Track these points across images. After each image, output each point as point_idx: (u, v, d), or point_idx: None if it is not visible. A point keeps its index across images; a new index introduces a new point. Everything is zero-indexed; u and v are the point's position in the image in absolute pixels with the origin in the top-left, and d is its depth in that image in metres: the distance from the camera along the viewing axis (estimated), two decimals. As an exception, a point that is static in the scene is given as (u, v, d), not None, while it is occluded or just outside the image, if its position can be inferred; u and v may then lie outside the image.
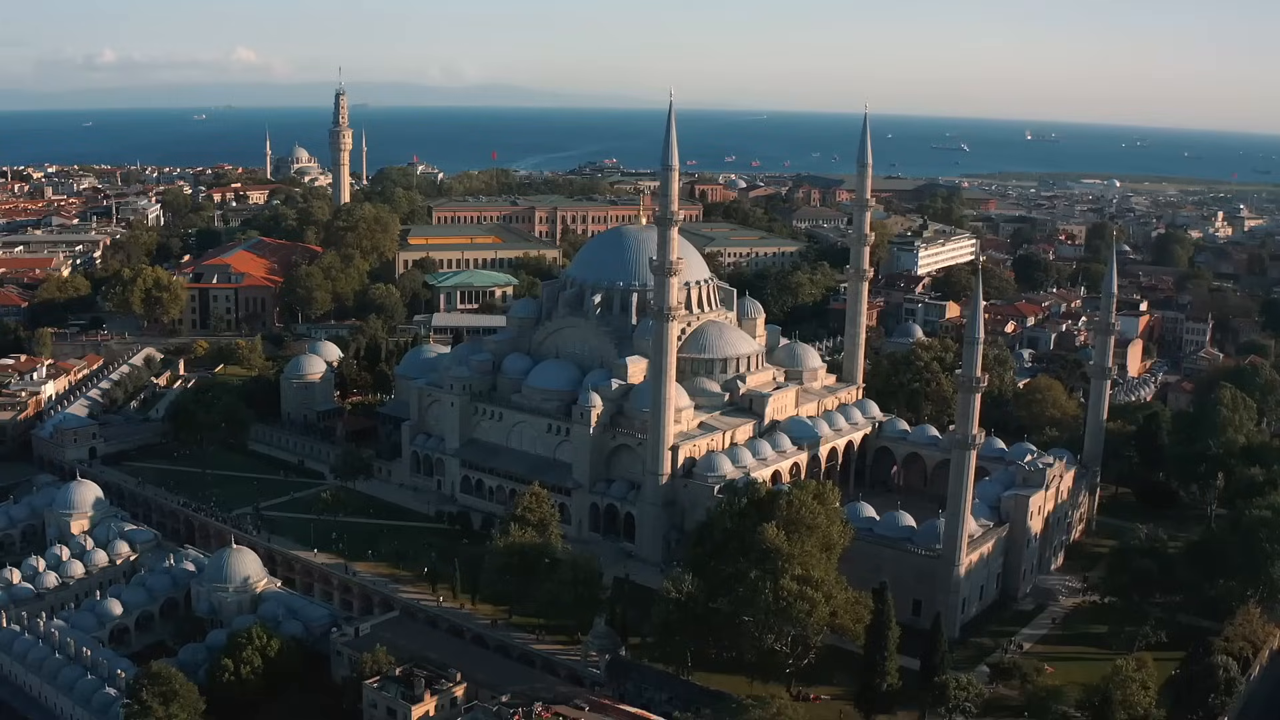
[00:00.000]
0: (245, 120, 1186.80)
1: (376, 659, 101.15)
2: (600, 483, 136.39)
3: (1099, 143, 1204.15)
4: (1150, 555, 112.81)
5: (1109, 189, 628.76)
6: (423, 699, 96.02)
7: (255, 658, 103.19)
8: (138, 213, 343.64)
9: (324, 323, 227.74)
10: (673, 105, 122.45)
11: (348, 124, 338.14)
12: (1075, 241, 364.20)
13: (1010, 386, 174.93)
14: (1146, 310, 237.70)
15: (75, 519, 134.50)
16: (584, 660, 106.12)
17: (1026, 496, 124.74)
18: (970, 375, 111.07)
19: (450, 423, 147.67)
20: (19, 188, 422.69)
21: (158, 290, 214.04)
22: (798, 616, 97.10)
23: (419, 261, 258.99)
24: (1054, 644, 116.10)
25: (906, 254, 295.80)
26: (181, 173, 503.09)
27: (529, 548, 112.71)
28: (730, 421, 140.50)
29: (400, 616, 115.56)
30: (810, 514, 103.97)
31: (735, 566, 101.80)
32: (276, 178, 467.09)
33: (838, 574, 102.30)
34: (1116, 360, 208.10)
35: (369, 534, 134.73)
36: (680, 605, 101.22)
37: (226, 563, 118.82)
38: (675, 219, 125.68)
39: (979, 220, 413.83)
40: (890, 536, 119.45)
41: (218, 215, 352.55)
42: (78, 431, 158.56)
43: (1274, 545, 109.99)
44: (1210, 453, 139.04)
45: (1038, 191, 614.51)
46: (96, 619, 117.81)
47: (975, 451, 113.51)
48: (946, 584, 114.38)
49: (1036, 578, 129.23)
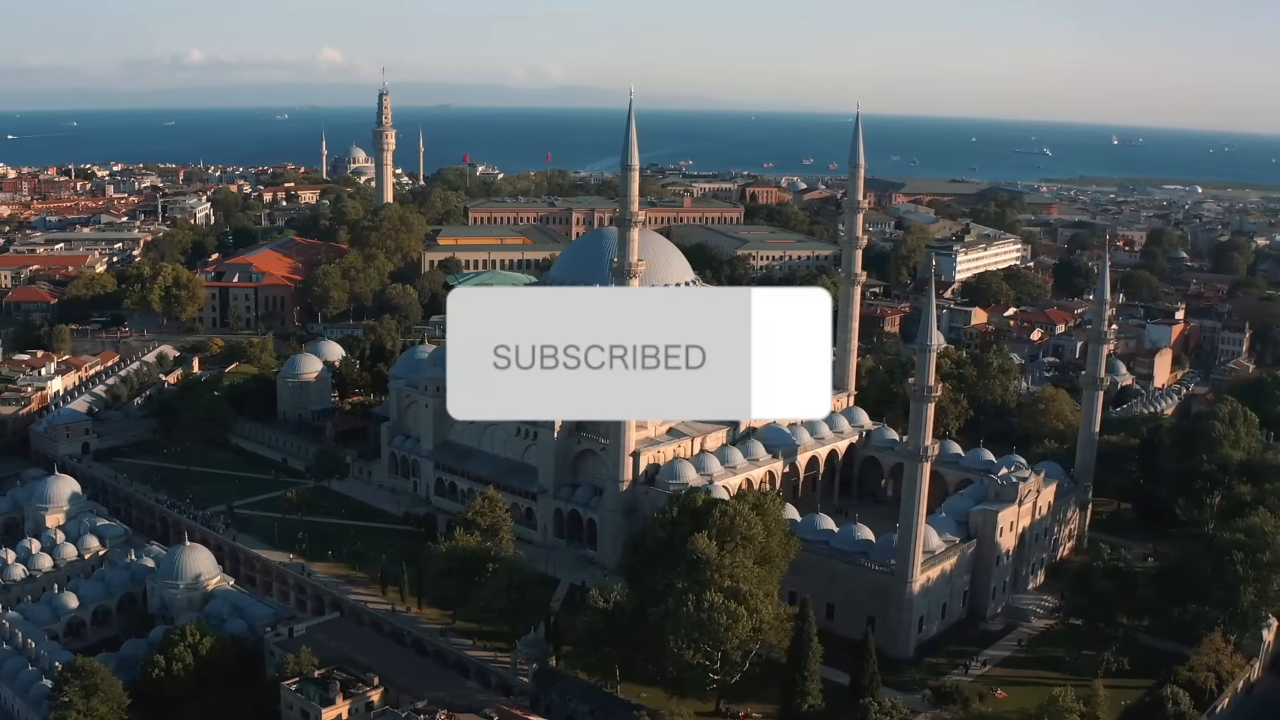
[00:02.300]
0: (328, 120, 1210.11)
1: (299, 660, 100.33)
2: (565, 488, 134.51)
3: (1185, 148, 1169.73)
4: (1114, 576, 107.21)
5: (1189, 194, 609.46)
6: (335, 702, 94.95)
7: (186, 654, 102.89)
8: (185, 211, 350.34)
9: (341, 322, 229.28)
10: (632, 105, 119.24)
11: (391, 124, 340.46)
12: (1134, 248, 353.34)
13: (1014, 396, 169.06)
14: (1183, 318, 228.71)
15: (50, 513, 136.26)
16: (513, 669, 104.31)
17: (995, 511, 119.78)
18: (922, 384, 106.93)
19: (425, 424, 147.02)
20: (81, 185, 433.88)
21: (176, 288, 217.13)
22: (718, 630, 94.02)
23: (444, 262, 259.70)
24: (1016, 667, 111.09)
25: (945, 259, 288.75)
26: (244, 172, 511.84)
27: (470, 552, 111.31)
28: (701, 428, 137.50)
29: (340, 618, 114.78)
30: (745, 525, 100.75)
31: (666, 577, 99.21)
32: (333, 177, 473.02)
33: (767, 588, 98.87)
34: (1143, 370, 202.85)
35: (335, 534, 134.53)
36: (606, 615, 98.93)
37: (179, 560, 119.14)
38: (635, 220, 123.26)
39: (1036, 225, 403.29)
40: (845, 550, 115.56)
41: (265, 214, 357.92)
42: (70, 427, 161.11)
43: (1247, 570, 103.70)
44: (1203, 469, 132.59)
45: (1116, 196, 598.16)
46: (52, 612, 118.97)
47: (929, 463, 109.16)
48: (899, 601, 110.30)
49: (1010, 597, 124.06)
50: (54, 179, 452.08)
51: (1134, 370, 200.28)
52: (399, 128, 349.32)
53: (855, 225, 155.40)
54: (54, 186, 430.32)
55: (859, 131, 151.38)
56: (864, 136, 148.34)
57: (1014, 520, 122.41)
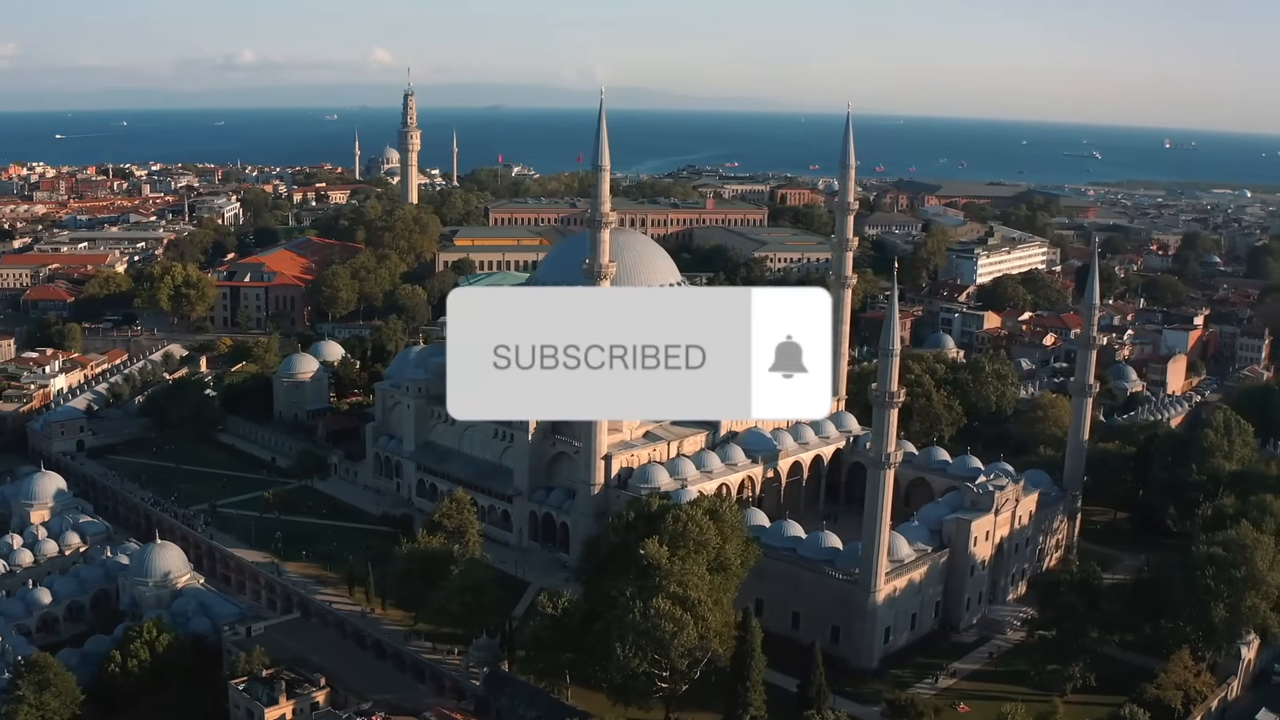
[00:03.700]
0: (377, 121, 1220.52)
1: (251, 659, 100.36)
2: (540, 490, 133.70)
3: (1238, 152, 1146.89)
4: (1082, 589, 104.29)
5: (1238, 199, 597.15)
6: (278, 702, 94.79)
7: (143, 651, 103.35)
8: (213, 211, 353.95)
9: (350, 322, 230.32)
10: (603, 106, 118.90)
11: (415, 124, 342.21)
12: (1167, 252, 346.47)
13: (1010, 402, 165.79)
14: (1202, 324, 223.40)
15: (35, 509, 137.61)
16: (464, 672, 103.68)
17: (969, 520, 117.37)
18: (884, 390, 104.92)
19: (407, 425, 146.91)
20: (118, 185, 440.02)
21: (186, 288, 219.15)
22: (663, 638, 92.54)
23: (458, 263, 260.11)
24: (985, 680, 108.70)
25: (965, 262, 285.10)
26: (280, 172, 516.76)
27: (431, 554, 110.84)
28: (679, 431, 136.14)
29: (301, 618, 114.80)
30: (698, 531, 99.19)
31: (618, 583, 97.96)
32: (366, 178, 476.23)
33: (718, 596, 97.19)
34: (1156, 376, 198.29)
35: (313, 534, 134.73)
36: (555, 621, 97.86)
37: (149, 557, 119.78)
38: (606, 221, 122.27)
39: (1070, 228, 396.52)
40: (810, 558, 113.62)
41: (293, 214, 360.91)
42: (64, 424, 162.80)
43: (1220, 586, 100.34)
44: (1191, 479, 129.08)
45: (1163, 200, 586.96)
46: (25, 607, 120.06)
47: (892, 470, 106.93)
48: (862, 610, 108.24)
49: (987, 608, 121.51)
50: (92, 178, 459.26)
51: (1146, 376, 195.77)
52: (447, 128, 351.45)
53: (845, 227, 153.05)
54: (91, 186, 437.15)
55: (849, 133, 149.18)
56: (910, 139, 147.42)
57: (990, 530, 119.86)
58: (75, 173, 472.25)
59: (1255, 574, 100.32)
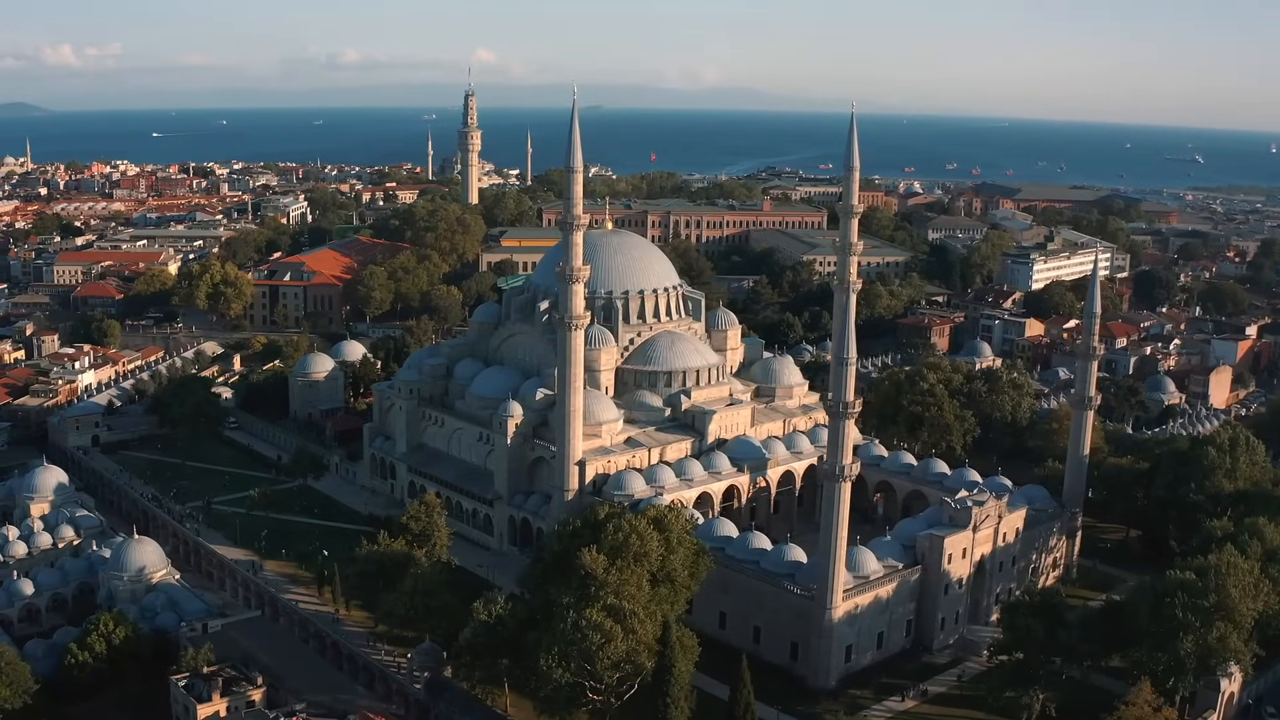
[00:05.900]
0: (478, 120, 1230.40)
1: (196, 656, 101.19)
2: (519, 495, 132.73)
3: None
4: (1041, 614, 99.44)
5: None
6: (211, 699, 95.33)
7: (99, 644, 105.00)
8: (278, 210, 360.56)
9: (387, 322, 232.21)
10: (576, 106, 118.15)
11: (476, 124, 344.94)
12: (1244, 259, 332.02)
13: (1026, 413, 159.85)
14: (1255, 334, 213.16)
15: (35, 502, 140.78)
16: (409, 677, 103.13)
17: (942, 537, 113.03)
18: (839, 399, 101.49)
19: (400, 427, 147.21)
20: (197, 184, 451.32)
21: (224, 286, 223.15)
22: (590, 649, 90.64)
23: (499, 264, 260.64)
24: (950, 704, 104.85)
25: (1021, 267, 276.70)
26: (358, 172, 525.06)
27: (387, 556, 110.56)
28: (663, 438, 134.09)
29: (262, 617, 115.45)
30: (638, 541, 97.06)
31: (558, 591, 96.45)
32: (438, 178, 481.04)
33: (653, 609, 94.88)
34: (1198, 388, 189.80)
35: (298, 533, 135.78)
36: (488, 627, 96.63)
37: (125, 552, 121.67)
38: (579, 223, 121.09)
39: (1146, 234, 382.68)
40: (771, 572, 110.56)
41: (357, 214, 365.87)
42: (80, 420, 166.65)
43: (1187, 615, 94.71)
44: (1189, 499, 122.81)
45: (1263, 205, 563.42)
46: (8, 598, 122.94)
47: (848, 482, 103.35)
48: (818, 627, 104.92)
49: (966, 628, 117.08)
50: (173, 176, 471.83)
51: (1186, 389, 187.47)
52: (543, 128, 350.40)
53: (850, 230, 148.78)
54: (170, 184, 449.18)
55: (853, 135, 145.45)
56: (1005, 142, 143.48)
57: (967, 547, 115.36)
58: (156, 171, 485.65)
59: (1227, 603, 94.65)
